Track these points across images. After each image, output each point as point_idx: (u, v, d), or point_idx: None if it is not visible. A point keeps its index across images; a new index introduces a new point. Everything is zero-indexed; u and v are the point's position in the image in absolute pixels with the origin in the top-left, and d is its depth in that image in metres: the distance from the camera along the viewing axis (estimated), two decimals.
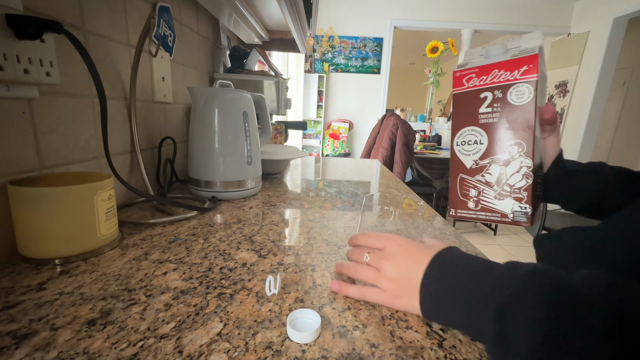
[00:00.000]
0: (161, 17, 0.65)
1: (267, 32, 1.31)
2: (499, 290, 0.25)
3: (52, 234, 0.37)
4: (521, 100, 0.36)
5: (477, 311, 0.26)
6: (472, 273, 0.28)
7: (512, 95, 0.37)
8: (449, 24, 3.58)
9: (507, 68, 0.37)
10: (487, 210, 0.40)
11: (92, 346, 0.25)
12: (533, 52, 0.35)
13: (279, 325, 0.29)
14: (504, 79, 0.37)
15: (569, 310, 0.21)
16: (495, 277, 0.26)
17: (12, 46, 0.35)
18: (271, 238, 0.49)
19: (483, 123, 0.39)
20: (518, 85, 0.36)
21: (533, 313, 0.22)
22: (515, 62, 0.36)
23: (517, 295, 0.23)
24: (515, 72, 0.36)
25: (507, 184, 0.38)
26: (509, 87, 0.37)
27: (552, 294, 0.22)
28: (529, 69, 0.35)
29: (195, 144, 0.64)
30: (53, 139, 0.44)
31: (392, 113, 2.57)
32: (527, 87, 0.36)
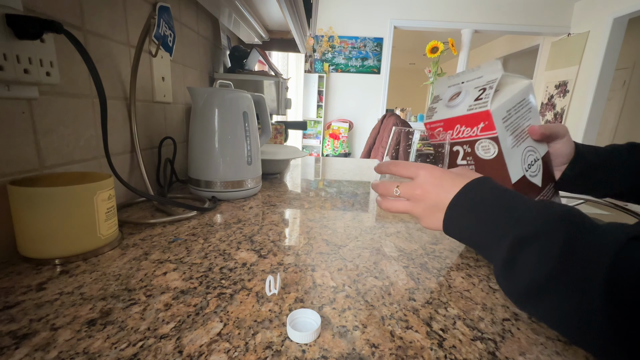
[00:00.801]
0: (161, 17, 0.65)
1: (267, 32, 1.31)
2: (523, 223, 0.26)
3: (52, 234, 0.37)
4: (489, 154, 0.37)
5: (495, 236, 0.28)
6: (500, 205, 0.29)
7: (480, 151, 0.37)
8: (449, 24, 3.58)
9: (467, 124, 0.37)
10: None
11: (92, 346, 0.25)
12: (483, 109, 0.34)
13: (279, 325, 0.29)
14: (468, 135, 0.37)
15: (579, 258, 0.22)
16: (522, 212, 0.27)
17: (12, 46, 0.35)
18: (271, 238, 0.49)
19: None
20: (481, 140, 0.36)
21: (546, 251, 0.23)
22: (472, 117, 0.36)
23: (538, 233, 0.24)
24: (475, 129, 0.36)
25: None
26: (474, 142, 0.37)
27: (570, 240, 0.23)
28: (486, 126, 0.35)
29: (195, 144, 0.64)
30: (53, 139, 0.44)
31: (392, 113, 2.57)
32: (490, 143, 0.36)
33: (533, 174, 0.39)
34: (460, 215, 0.32)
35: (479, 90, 0.36)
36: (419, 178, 0.34)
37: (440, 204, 0.33)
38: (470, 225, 0.31)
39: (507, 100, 0.35)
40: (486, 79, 0.36)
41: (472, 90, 0.36)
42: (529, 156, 0.39)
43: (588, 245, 0.22)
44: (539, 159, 0.40)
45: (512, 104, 0.35)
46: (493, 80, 0.35)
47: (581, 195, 1.58)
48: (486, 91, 0.35)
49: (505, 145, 0.36)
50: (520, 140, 0.37)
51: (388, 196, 0.37)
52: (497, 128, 0.35)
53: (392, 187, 0.36)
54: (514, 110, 0.36)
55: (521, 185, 0.38)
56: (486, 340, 0.29)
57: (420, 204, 0.34)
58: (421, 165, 0.35)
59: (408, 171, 0.36)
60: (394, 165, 0.37)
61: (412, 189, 0.35)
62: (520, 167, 0.38)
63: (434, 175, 0.34)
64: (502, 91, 0.35)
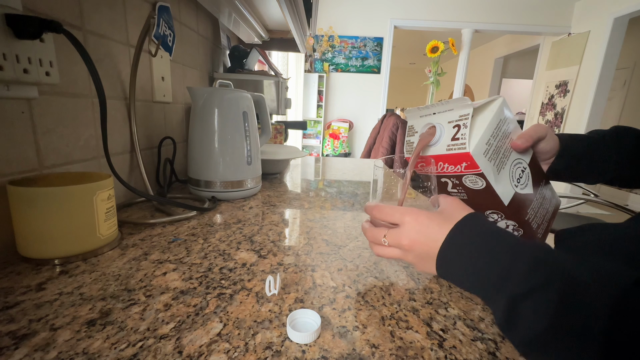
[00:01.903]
0: (161, 17, 0.65)
1: (267, 32, 1.30)
2: (515, 278, 0.26)
3: (52, 234, 0.37)
4: (477, 186, 0.37)
5: (488, 290, 0.28)
6: (488, 253, 0.29)
7: (468, 183, 0.37)
8: (449, 24, 3.58)
9: (449, 162, 0.36)
10: None
11: (92, 346, 0.25)
12: (462, 150, 0.34)
13: (279, 326, 0.29)
14: (452, 171, 0.36)
15: (576, 312, 0.22)
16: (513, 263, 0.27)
17: (12, 46, 0.35)
18: (271, 238, 0.49)
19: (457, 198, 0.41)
20: (468, 175, 0.36)
21: (543, 307, 0.23)
22: (453, 157, 0.35)
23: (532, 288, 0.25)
24: (459, 167, 0.36)
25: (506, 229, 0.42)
26: (461, 177, 0.37)
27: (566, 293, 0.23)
28: (469, 165, 0.35)
29: (195, 144, 0.64)
30: (53, 139, 0.44)
31: (392, 113, 2.57)
32: (476, 177, 0.36)
33: (523, 186, 0.39)
34: (450, 265, 0.31)
35: (454, 127, 0.35)
36: (404, 226, 0.34)
37: (430, 252, 0.32)
38: (462, 275, 0.31)
39: (484, 133, 0.34)
40: (458, 113, 0.35)
41: (447, 126, 0.36)
42: (517, 169, 0.39)
43: (583, 299, 0.22)
44: (527, 167, 0.40)
45: (489, 132, 0.35)
46: (466, 116, 0.34)
47: (581, 196, 1.56)
48: (461, 130, 0.35)
49: (492, 177, 0.36)
50: (505, 158, 0.37)
51: (377, 244, 0.37)
52: (481, 165, 0.34)
53: (380, 236, 0.35)
54: (493, 138, 0.35)
55: (514, 201, 0.38)
56: (486, 340, 0.29)
57: (411, 253, 0.34)
58: (406, 211, 0.34)
59: (393, 218, 0.35)
60: (378, 211, 0.36)
61: (399, 239, 0.34)
62: (510, 187, 0.38)
63: (419, 222, 0.33)
64: (476, 122, 0.35)
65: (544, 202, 0.43)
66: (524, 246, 0.28)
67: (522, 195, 0.39)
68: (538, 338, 0.23)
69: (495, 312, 0.28)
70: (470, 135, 0.34)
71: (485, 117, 0.35)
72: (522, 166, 0.39)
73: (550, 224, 0.44)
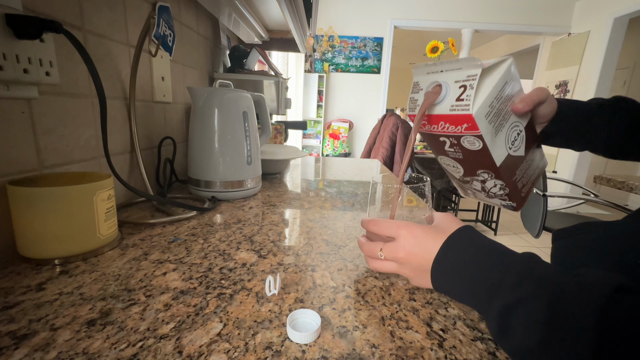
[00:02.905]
0: (161, 17, 0.65)
1: (267, 32, 1.30)
2: (506, 289, 0.27)
3: (52, 234, 0.37)
4: (474, 147, 0.37)
5: (480, 301, 0.29)
6: (479, 265, 0.30)
7: (465, 143, 0.38)
8: (449, 24, 3.58)
9: (451, 122, 0.36)
10: (484, 200, 0.47)
11: (92, 346, 0.25)
12: (466, 112, 0.34)
13: (279, 326, 0.29)
14: (452, 131, 0.37)
15: (565, 322, 0.23)
16: (503, 274, 0.28)
17: (12, 46, 0.35)
18: (271, 238, 0.49)
19: (452, 157, 0.42)
20: (466, 136, 0.36)
21: (533, 318, 0.24)
22: (455, 117, 0.36)
23: (521, 299, 0.25)
24: (459, 127, 0.36)
25: (490, 192, 0.43)
26: (460, 137, 0.37)
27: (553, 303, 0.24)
28: (469, 127, 0.35)
29: (195, 144, 0.64)
30: (53, 139, 0.44)
31: (392, 113, 2.57)
32: (475, 139, 0.36)
33: (516, 149, 0.40)
34: (443, 277, 0.32)
35: (460, 87, 0.35)
36: (400, 240, 0.35)
37: (425, 265, 0.33)
38: (455, 287, 0.31)
39: (488, 95, 0.34)
40: (466, 73, 0.35)
41: (453, 85, 0.36)
42: (513, 132, 0.39)
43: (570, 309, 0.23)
44: (523, 130, 0.40)
45: (494, 94, 0.35)
46: (473, 77, 0.34)
47: (581, 196, 1.56)
48: (467, 90, 0.34)
49: (489, 139, 0.36)
50: (504, 121, 0.38)
51: (374, 258, 0.37)
52: (481, 128, 0.35)
53: (376, 250, 0.36)
54: (497, 100, 0.35)
55: (506, 163, 0.39)
56: (486, 340, 0.29)
57: (407, 267, 0.35)
58: (402, 224, 0.35)
59: (389, 231, 0.36)
60: (374, 225, 0.37)
61: (395, 252, 0.35)
62: (505, 149, 0.39)
63: (414, 235, 0.34)
64: (482, 83, 0.35)
65: (532, 164, 0.44)
66: (513, 257, 0.29)
67: (514, 157, 0.40)
68: (529, 348, 0.24)
69: (488, 323, 0.28)
70: (475, 95, 0.34)
71: (492, 79, 0.35)
72: (518, 129, 0.40)
73: (534, 184, 0.45)
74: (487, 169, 0.39)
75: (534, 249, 2.66)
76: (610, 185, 1.46)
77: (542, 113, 0.43)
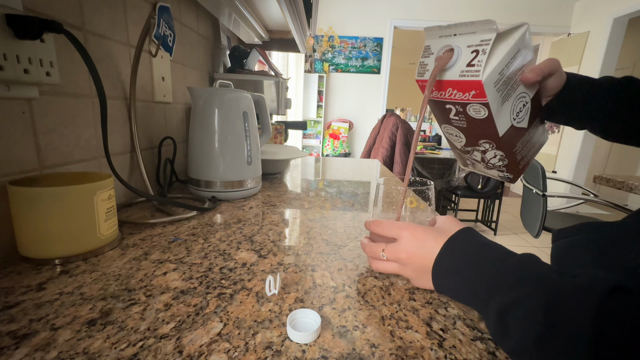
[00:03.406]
0: (161, 17, 0.65)
1: (267, 32, 1.31)
2: (503, 289, 0.27)
3: (52, 234, 0.37)
4: (479, 115, 0.37)
5: (479, 301, 0.29)
6: (478, 265, 0.30)
7: (471, 112, 0.38)
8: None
9: (459, 89, 0.36)
10: (482, 171, 0.47)
11: (92, 346, 0.25)
12: (475, 78, 0.34)
13: (279, 326, 0.29)
14: (459, 98, 0.37)
15: (561, 322, 0.23)
16: (501, 275, 0.28)
17: (12, 46, 0.35)
18: (271, 238, 0.49)
19: (456, 126, 0.42)
20: (473, 104, 0.36)
21: (529, 317, 0.24)
22: (464, 83, 0.35)
23: (518, 298, 0.25)
24: (467, 94, 0.36)
25: (489, 162, 0.44)
26: (466, 104, 0.37)
27: (550, 303, 0.24)
28: (477, 94, 0.35)
29: (195, 144, 0.64)
30: (53, 139, 0.44)
31: (392, 113, 2.57)
32: (481, 107, 0.36)
33: (520, 120, 0.40)
34: (443, 278, 0.33)
35: (472, 51, 0.34)
36: (402, 240, 0.35)
37: (426, 265, 0.33)
38: (455, 287, 0.32)
39: (500, 62, 0.34)
40: (479, 37, 0.34)
41: (465, 50, 0.35)
42: (519, 103, 0.39)
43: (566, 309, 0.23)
44: (529, 101, 0.40)
45: (505, 62, 0.34)
46: (487, 42, 0.33)
47: (580, 196, 1.56)
48: (479, 56, 0.34)
49: (495, 107, 0.36)
50: (512, 90, 0.37)
51: (376, 259, 0.38)
52: (488, 96, 0.34)
53: (379, 251, 0.37)
54: (507, 68, 0.35)
55: (508, 134, 0.39)
56: (486, 340, 0.29)
57: (408, 267, 0.35)
58: (404, 225, 0.36)
59: (391, 232, 0.36)
60: (376, 225, 0.38)
61: (397, 252, 0.35)
62: (509, 119, 0.38)
63: (416, 236, 0.34)
64: (496, 49, 0.34)
65: (533, 138, 0.44)
66: (512, 258, 0.29)
67: (517, 129, 0.40)
68: (527, 347, 0.24)
69: (487, 322, 0.28)
70: (487, 61, 0.33)
71: (506, 45, 0.34)
72: (524, 100, 0.39)
73: (532, 157, 0.46)
74: (489, 139, 0.39)
75: (533, 249, 2.67)
76: (610, 185, 1.47)
77: (551, 86, 0.42)
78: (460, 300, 0.33)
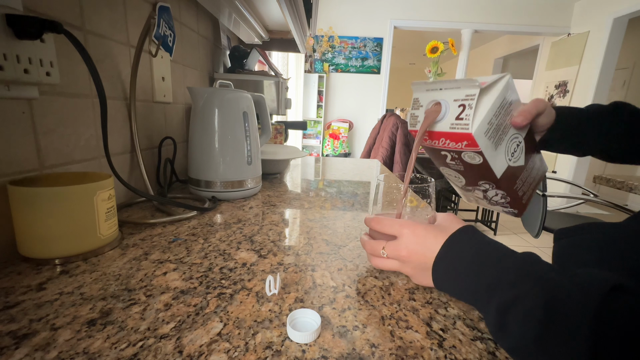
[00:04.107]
0: (161, 17, 0.65)
1: (267, 32, 1.31)
2: (504, 287, 0.27)
3: (52, 234, 0.37)
4: (475, 161, 0.38)
5: (479, 300, 0.29)
6: (479, 264, 0.30)
7: (466, 158, 0.38)
8: (449, 24, 3.58)
9: (451, 139, 0.37)
10: (486, 207, 0.48)
11: (92, 346, 0.25)
12: (465, 131, 0.35)
13: (279, 325, 0.29)
14: (453, 147, 0.37)
15: (561, 321, 0.23)
16: (501, 274, 0.28)
17: (12, 46, 0.35)
18: (271, 238, 0.49)
19: (454, 169, 0.42)
20: (467, 152, 0.37)
21: (529, 316, 0.24)
22: (455, 135, 0.36)
23: (518, 296, 0.25)
24: (460, 144, 0.36)
25: (492, 200, 0.44)
26: (460, 152, 0.38)
27: (550, 301, 0.24)
28: (469, 144, 0.36)
29: (195, 144, 0.64)
30: (53, 139, 0.44)
31: (392, 113, 2.57)
32: (475, 154, 0.37)
33: (516, 159, 0.41)
34: (444, 276, 0.33)
35: (459, 105, 0.36)
36: (402, 238, 0.35)
37: (426, 263, 0.34)
38: (455, 285, 0.32)
39: (487, 113, 0.35)
40: (464, 92, 0.36)
41: (452, 104, 0.36)
42: (513, 144, 0.40)
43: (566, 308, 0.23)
44: (522, 141, 0.41)
45: (492, 112, 0.35)
46: (472, 97, 0.35)
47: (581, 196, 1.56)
48: (466, 110, 0.35)
49: (489, 153, 0.37)
50: (504, 134, 0.38)
51: (376, 256, 0.38)
52: (481, 145, 0.35)
53: (379, 248, 0.37)
54: (495, 117, 0.36)
55: (506, 174, 0.39)
56: (486, 340, 0.29)
57: (408, 265, 0.35)
58: (405, 223, 0.36)
59: (392, 230, 0.36)
60: (377, 223, 0.38)
61: (398, 250, 0.35)
62: (505, 161, 0.39)
63: (417, 234, 0.34)
64: (481, 101, 0.35)
65: (532, 171, 0.44)
66: (513, 257, 0.29)
67: (515, 168, 0.41)
68: (526, 345, 0.24)
69: (487, 321, 0.28)
70: (474, 115, 0.35)
71: (490, 97, 0.35)
72: (517, 140, 0.40)
73: (535, 189, 0.46)
74: (488, 181, 0.40)
75: (533, 249, 2.67)
76: (610, 186, 1.47)
77: (541, 123, 0.44)
78: (460, 298, 0.33)
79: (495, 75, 0.37)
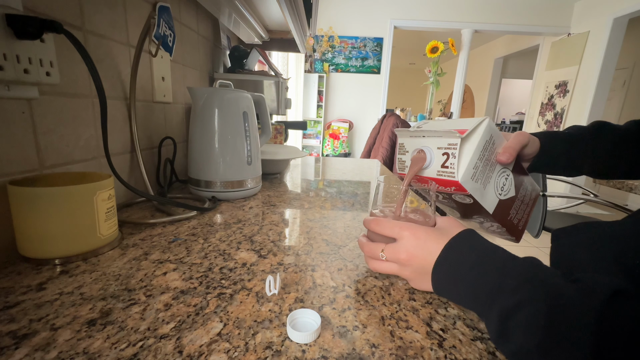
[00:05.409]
0: (161, 17, 0.65)
1: (267, 32, 1.31)
2: (506, 293, 0.27)
3: (52, 234, 0.37)
4: (466, 201, 0.39)
5: (480, 305, 0.29)
6: (480, 268, 0.30)
7: (457, 198, 0.39)
8: (449, 24, 3.58)
9: (440, 183, 0.37)
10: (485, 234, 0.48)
11: (92, 346, 0.25)
12: (452, 178, 0.35)
13: (279, 325, 0.29)
14: (442, 190, 0.38)
15: (563, 324, 0.23)
16: (503, 278, 0.28)
17: (12, 46, 0.35)
18: (271, 238, 0.49)
19: (447, 206, 0.43)
20: (457, 194, 0.38)
21: (532, 321, 0.24)
22: (443, 181, 0.37)
23: (521, 302, 0.25)
24: (449, 188, 0.37)
25: (489, 230, 0.45)
26: (451, 194, 0.38)
27: (552, 307, 0.24)
28: (458, 189, 0.36)
29: (195, 144, 0.64)
30: (53, 139, 0.44)
31: (392, 113, 2.57)
32: (465, 196, 0.37)
33: (507, 192, 0.41)
34: (444, 280, 0.32)
35: (443, 154, 0.36)
36: (402, 240, 0.35)
37: (426, 267, 0.33)
38: (456, 290, 0.31)
39: (471, 159, 0.35)
40: (446, 140, 0.36)
41: (436, 151, 0.37)
42: (501, 178, 0.40)
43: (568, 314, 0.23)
44: (510, 173, 0.41)
45: (477, 156, 0.36)
46: (454, 146, 0.35)
47: (580, 196, 1.56)
48: (450, 159, 0.36)
49: (478, 194, 0.37)
50: (491, 172, 0.39)
51: (374, 259, 0.37)
52: (468, 189, 0.36)
53: (378, 251, 0.36)
54: (480, 160, 0.36)
55: (499, 208, 0.40)
56: (486, 340, 0.29)
57: (408, 268, 0.34)
58: (404, 225, 0.35)
59: (392, 232, 0.36)
60: (376, 224, 0.37)
61: (397, 253, 0.34)
62: (495, 196, 0.39)
63: (417, 236, 0.34)
64: (464, 149, 0.36)
65: (525, 198, 0.44)
66: (514, 262, 0.29)
67: (506, 200, 0.41)
68: (528, 352, 0.24)
69: (488, 327, 0.28)
70: (458, 163, 0.35)
71: (473, 142, 0.36)
72: (506, 174, 0.41)
73: (530, 213, 0.46)
74: (482, 215, 0.41)
75: (533, 249, 2.67)
76: (610, 186, 1.47)
77: (527, 153, 0.45)
78: (460, 303, 0.33)
79: (474, 119, 0.37)
